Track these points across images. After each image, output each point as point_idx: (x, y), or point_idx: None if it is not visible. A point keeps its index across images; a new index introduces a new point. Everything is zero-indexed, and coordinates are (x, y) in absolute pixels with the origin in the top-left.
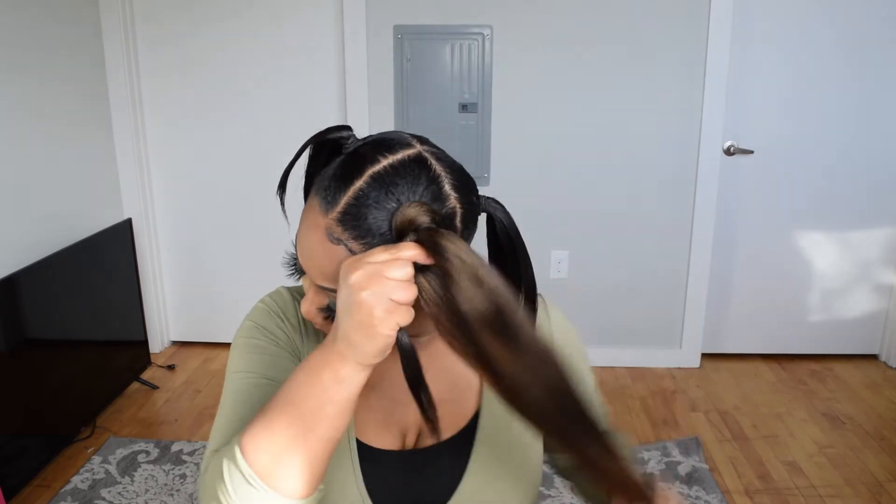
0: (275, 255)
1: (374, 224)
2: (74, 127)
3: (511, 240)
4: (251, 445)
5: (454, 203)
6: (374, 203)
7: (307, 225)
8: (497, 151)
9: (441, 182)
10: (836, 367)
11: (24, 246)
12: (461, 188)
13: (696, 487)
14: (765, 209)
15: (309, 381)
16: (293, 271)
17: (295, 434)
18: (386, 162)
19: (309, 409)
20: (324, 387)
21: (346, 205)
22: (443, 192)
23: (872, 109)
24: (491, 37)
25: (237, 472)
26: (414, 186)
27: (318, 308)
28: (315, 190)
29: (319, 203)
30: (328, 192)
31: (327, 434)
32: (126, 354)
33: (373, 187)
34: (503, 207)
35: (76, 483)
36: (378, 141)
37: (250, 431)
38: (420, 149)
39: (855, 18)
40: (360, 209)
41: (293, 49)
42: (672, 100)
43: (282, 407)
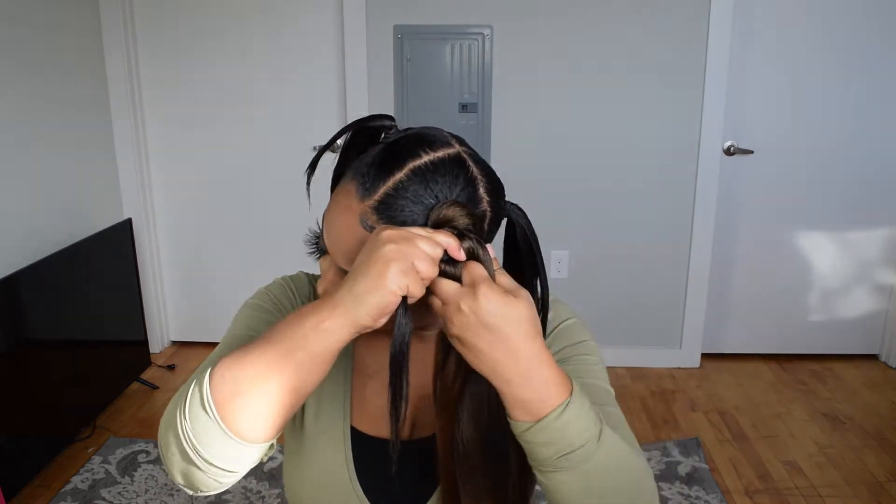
0: (275, 256)
1: (409, 217)
2: (74, 127)
3: (531, 246)
4: (219, 372)
5: (486, 206)
6: (412, 196)
7: (340, 208)
8: (497, 151)
9: (477, 184)
10: (836, 367)
11: (24, 246)
12: (493, 192)
13: (696, 487)
14: (765, 209)
15: (292, 323)
16: (314, 249)
17: (260, 373)
18: (427, 158)
19: (282, 351)
20: (303, 332)
21: (385, 194)
22: (477, 195)
23: (872, 109)
24: (491, 37)
25: (197, 394)
26: (452, 185)
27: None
28: (351, 174)
29: (356, 188)
30: (367, 178)
31: (290, 382)
32: (126, 354)
33: (413, 181)
34: (525, 214)
35: (76, 483)
36: (420, 135)
37: (224, 360)
38: (459, 149)
39: (854, 19)
40: (398, 200)
41: (293, 49)
42: (672, 100)
43: (259, 343)
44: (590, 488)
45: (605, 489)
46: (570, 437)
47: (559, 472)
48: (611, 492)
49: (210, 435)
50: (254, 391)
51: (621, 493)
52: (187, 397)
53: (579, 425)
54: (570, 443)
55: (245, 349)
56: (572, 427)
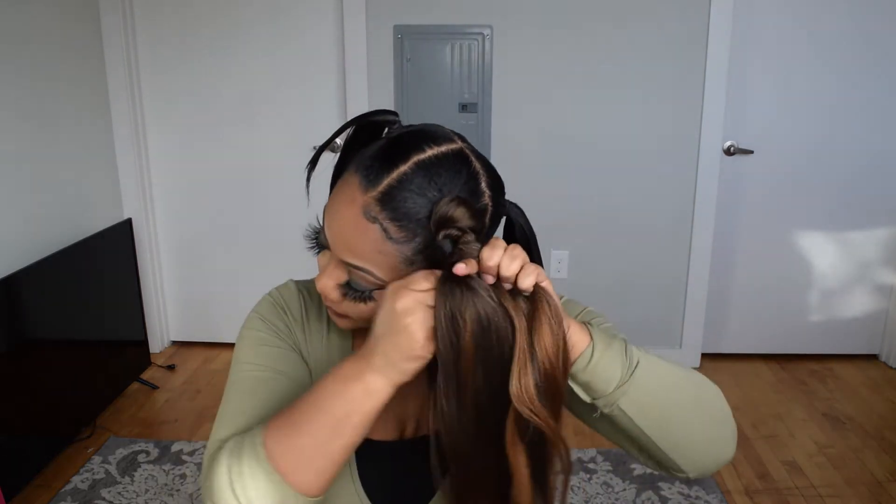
0: (275, 256)
1: (413, 209)
2: (74, 127)
3: (529, 245)
4: (276, 444)
5: (487, 201)
6: (416, 189)
7: (343, 200)
8: (497, 151)
9: (479, 179)
10: (836, 367)
11: (24, 246)
12: (494, 187)
13: (696, 487)
14: (765, 209)
15: (340, 390)
16: (314, 244)
17: (322, 439)
18: (431, 152)
19: (337, 417)
20: (353, 397)
21: (389, 186)
22: (479, 189)
23: (872, 109)
24: (491, 37)
25: (257, 466)
26: (455, 179)
27: (336, 283)
28: (354, 167)
29: (360, 180)
30: (370, 170)
31: (352, 440)
32: (126, 354)
33: (417, 174)
34: (524, 213)
35: (76, 483)
36: (422, 131)
37: (276, 430)
38: (462, 145)
39: (854, 19)
40: (401, 192)
41: (293, 49)
42: (672, 100)
43: (310, 412)
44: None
45: (667, 393)
46: (608, 371)
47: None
48: (674, 391)
49: (274, 496)
50: (321, 456)
51: (680, 391)
52: (245, 475)
53: (610, 358)
54: (610, 374)
55: (295, 419)
56: (606, 360)
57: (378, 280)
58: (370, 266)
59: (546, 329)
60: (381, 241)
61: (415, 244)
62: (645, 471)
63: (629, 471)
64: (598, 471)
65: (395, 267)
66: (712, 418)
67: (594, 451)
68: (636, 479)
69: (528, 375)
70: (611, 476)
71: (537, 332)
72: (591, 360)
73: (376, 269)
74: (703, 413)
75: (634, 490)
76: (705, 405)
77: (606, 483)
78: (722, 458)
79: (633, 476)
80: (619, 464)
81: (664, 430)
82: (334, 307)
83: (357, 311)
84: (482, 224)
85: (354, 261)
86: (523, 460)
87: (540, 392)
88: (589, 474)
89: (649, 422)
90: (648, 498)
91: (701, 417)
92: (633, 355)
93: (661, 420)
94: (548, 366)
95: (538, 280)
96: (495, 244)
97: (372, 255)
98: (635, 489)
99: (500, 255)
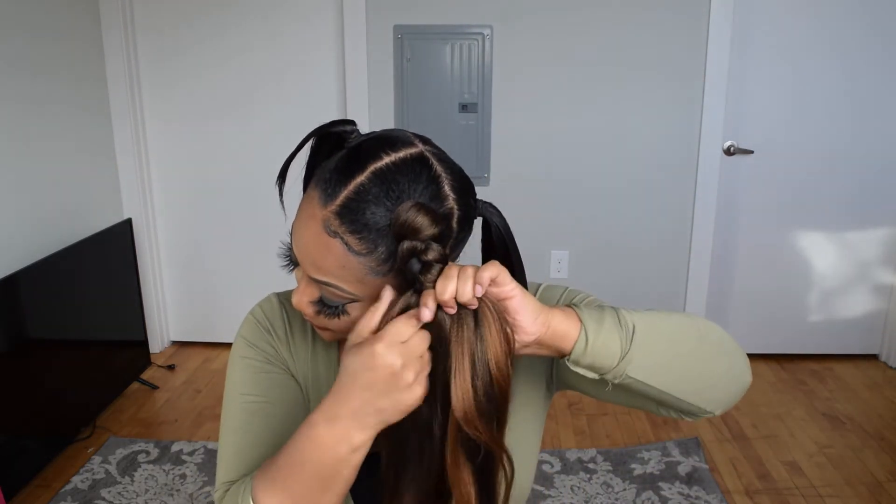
0: (274, 256)
1: (372, 219)
2: (75, 128)
3: (506, 245)
4: (266, 497)
5: (452, 204)
6: (373, 199)
7: (305, 216)
8: (497, 151)
9: (441, 182)
10: (836, 367)
11: (24, 246)
12: (460, 190)
13: (696, 487)
14: (765, 209)
15: (325, 449)
16: (287, 262)
17: (312, 492)
18: (388, 159)
19: (326, 472)
20: (341, 457)
21: (346, 199)
22: (441, 193)
23: (872, 109)
24: (491, 37)
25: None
26: (414, 185)
27: (308, 300)
28: (315, 182)
29: (319, 195)
30: (328, 184)
31: (343, 489)
32: (126, 354)
33: (374, 183)
34: (499, 213)
35: (76, 483)
36: (381, 137)
37: (264, 483)
38: (422, 148)
39: (855, 19)
40: (359, 204)
41: (293, 49)
42: (672, 100)
43: (298, 465)
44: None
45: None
46: (607, 347)
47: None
48: (677, 342)
49: None
50: None
51: (683, 340)
52: None
53: (606, 334)
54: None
55: (283, 473)
56: (602, 338)
57: (348, 294)
58: (337, 281)
59: (493, 340)
60: (344, 256)
61: (377, 255)
62: (645, 470)
63: (629, 471)
64: (598, 471)
65: (363, 279)
66: (720, 352)
67: (594, 451)
68: (636, 479)
69: (469, 392)
70: (611, 476)
71: (485, 345)
72: (587, 344)
73: (343, 283)
74: (711, 351)
75: (634, 490)
76: (710, 342)
77: (606, 483)
78: (741, 386)
79: (633, 476)
80: (619, 464)
81: (680, 382)
82: (313, 322)
83: (335, 326)
84: (448, 228)
85: (322, 277)
86: (467, 478)
87: (487, 406)
88: (589, 474)
89: (663, 379)
90: (648, 498)
91: (710, 356)
92: (627, 323)
93: (673, 373)
94: (497, 378)
95: (489, 276)
96: (447, 274)
97: (337, 269)
98: (635, 489)
99: (454, 285)
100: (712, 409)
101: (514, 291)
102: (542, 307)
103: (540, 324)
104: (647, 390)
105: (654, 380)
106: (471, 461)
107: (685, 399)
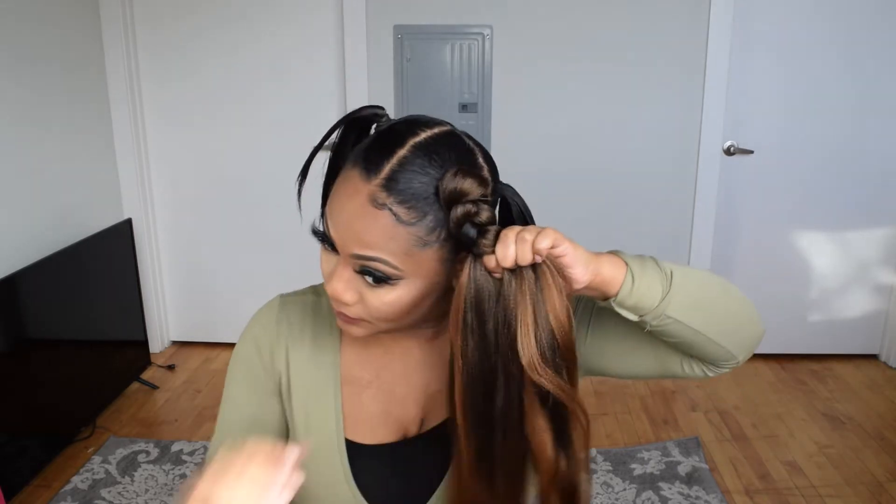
0: (275, 255)
1: (419, 189)
2: (74, 127)
3: (527, 223)
4: None
5: (487, 175)
6: (419, 169)
7: (345, 194)
8: (497, 151)
9: (475, 154)
10: (836, 367)
11: (24, 246)
12: (490, 162)
13: (696, 487)
14: (765, 209)
15: None
16: (323, 240)
17: None
18: (424, 134)
19: None
20: None
21: (391, 171)
22: (478, 163)
23: (872, 109)
24: (491, 37)
25: None
26: (453, 154)
27: (347, 284)
28: (351, 162)
29: (360, 172)
30: (369, 161)
31: None
32: (126, 354)
33: (416, 155)
34: (518, 194)
35: (76, 483)
36: (413, 120)
37: None
38: (451, 128)
39: (854, 19)
40: (404, 174)
41: (293, 49)
42: (672, 100)
43: None
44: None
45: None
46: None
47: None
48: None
49: None
50: None
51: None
52: None
53: (649, 277)
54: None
55: None
56: (646, 280)
57: (393, 269)
58: (384, 255)
59: (553, 295)
60: (393, 226)
61: (426, 224)
62: (645, 470)
63: (629, 471)
64: (598, 471)
65: (409, 251)
66: (740, 299)
67: (594, 451)
68: (636, 479)
69: (533, 343)
70: (611, 476)
71: (545, 300)
72: (633, 284)
73: (390, 256)
74: (733, 298)
75: (634, 490)
76: (731, 292)
77: (606, 483)
78: (759, 332)
79: (633, 476)
80: (619, 464)
81: (713, 321)
82: (347, 311)
83: (376, 305)
84: (489, 194)
85: (367, 251)
86: (543, 424)
87: (552, 357)
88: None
89: (699, 318)
90: (648, 498)
91: (733, 301)
92: (665, 268)
93: (706, 313)
94: (558, 330)
95: (547, 245)
96: (505, 240)
97: (384, 242)
98: (635, 489)
99: (514, 250)
100: (737, 353)
101: (566, 250)
102: (591, 256)
103: (591, 272)
104: (684, 332)
105: (691, 319)
106: (545, 410)
107: (717, 341)
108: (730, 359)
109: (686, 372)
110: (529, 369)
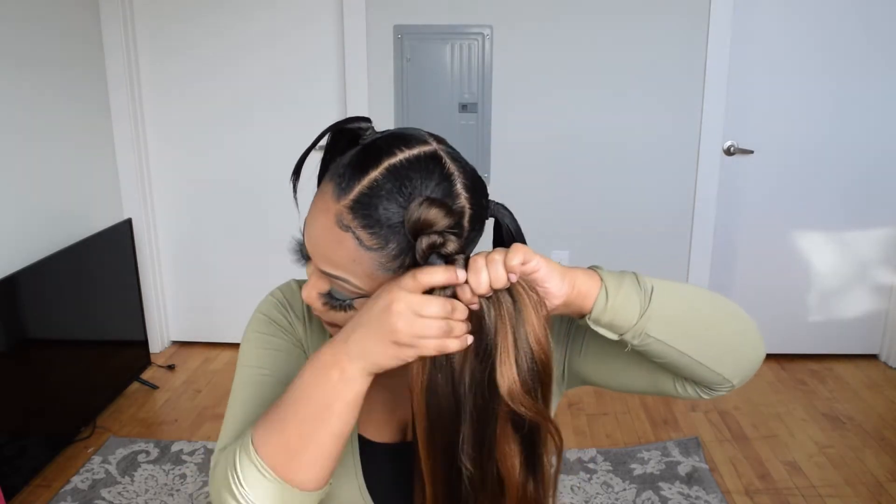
0: (275, 256)
1: (384, 215)
2: (75, 127)
3: None
4: (264, 441)
5: (464, 203)
6: (386, 195)
7: (318, 209)
8: (497, 151)
9: (453, 181)
10: (836, 367)
11: (24, 246)
12: (472, 189)
13: (696, 487)
14: (765, 209)
15: (318, 379)
16: (298, 257)
17: (306, 430)
18: (402, 155)
19: (319, 406)
20: (332, 385)
21: (360, 193)
22: (454, 191)
23: (872, 109)
24: (491, 37)
25: (251, 466)
26: (427, 182)
27: (318, 293)
28: (329, 176)
29: (333, 189)
30: (342, 179)
31: (336, 429)
32: (126, 354)
33: (387, 179)
34: (511, 214)
35: (76, 483)
36: (396, 135)
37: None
38: (436, 147)
39: (854, 19)
40: (372, 199)
41: (293, 49)
42: (672, 100)
43: (293, 403)
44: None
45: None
46: (627, 305)
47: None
48: (693, 305)
49: (274, 495)
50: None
51: (698, 304)
52: (238, 473)
53: (626, 292)
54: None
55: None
56: (622, 295)
57: (357, 289)
58: (347, 275)
59: (531, 315)
60: (356, 250)
61: (388, 251)
62: (645, 470)
63: (629, 471)
64: (598, 471)
65: (372, 275)
66: (733, 316)
67: (594, 451)
68: (636, 479)
69: (514, 370)
70: (611, 476)
71: (524, 321)
72: (608, 299)
73: (353, 277)
74: (725, 316)
75: (634, 490)
76: (723, 310)
77: (606, 483)
78: (757, 355)
79: (633, 476)
80: (619, 464)
81: (699, 342)
82: (322, 316)
83: (343, 320)
84: (461, 227)
85: (332, 270)
86: (514, 449)
87: (531, 381)
88: (589, 474)
89: (682, 338)
90: (648, 498)
91: (724, 320)
92: (645, 283)
93: (692, 333)
94: (537, 352)
95: (519, 261)
96: (476, 266)
97: (348, 263)
98: (635, 489)
99: (486, 276)
100: (731, 377)
101: (539, 264)
102: (565, 269)
103: (567, 285)
104: (668, 353)
105: (674, 339)
106: (518, 434)
107: (705, 363)
108: (722, 382)
109: (679, 392)
110: (509, 398)
